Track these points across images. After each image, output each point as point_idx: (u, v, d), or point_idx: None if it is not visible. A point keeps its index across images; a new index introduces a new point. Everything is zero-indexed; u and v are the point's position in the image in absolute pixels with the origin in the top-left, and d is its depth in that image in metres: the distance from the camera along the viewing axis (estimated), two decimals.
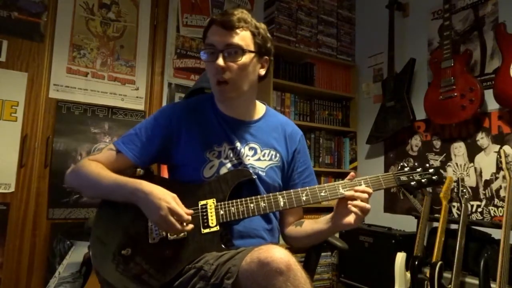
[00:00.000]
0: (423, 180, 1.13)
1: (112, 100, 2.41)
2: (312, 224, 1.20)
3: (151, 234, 1.04)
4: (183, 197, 1.07)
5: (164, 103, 2.56)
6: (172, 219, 0.96)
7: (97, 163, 1.12)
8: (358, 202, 1.03)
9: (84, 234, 1.15)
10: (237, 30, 1.10)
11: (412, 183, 1.12)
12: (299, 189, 1.09)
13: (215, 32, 1.10)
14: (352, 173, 1.10)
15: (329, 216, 1.13)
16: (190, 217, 1.00)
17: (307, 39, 3.03)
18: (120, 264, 1.01)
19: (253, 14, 1.19)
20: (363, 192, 1.04)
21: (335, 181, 3.03)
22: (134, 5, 2.55)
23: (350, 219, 1.05)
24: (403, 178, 1.13)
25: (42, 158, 2.18)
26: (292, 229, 1.25)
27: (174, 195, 1.01)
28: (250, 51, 1.12)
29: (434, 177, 1.13)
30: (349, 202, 1.04)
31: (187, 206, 1.05)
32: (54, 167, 2.20)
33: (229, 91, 1.12)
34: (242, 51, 1.10)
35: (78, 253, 2.21)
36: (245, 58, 1.10)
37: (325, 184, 1.09)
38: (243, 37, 1.10)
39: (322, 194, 1.08)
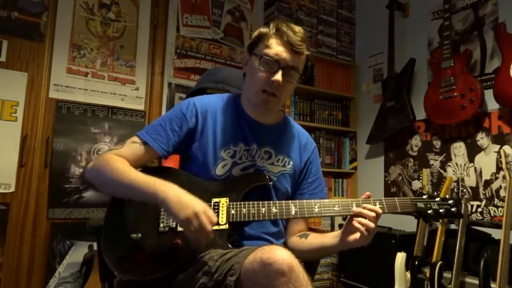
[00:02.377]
0: (440, 210, 1.10)
1: (112, 100, 2.41)
2: (318, 238, 1.18)
3: (162, 223, 1.05)
4: (198, 192, 1.07)
5: (164, 103, 2.56)
6: (205, 218, 0.92)
7: (123, 160, 1.08)
8: (362, 219, 1.03)
9: (85, 233, 1.15)
10: (301, 56, 1.13)
11: (429, 211, 1.10)
12: (312, 200, 1.10)
13: (282, 48, 1.11)
14: (368, 193, 1.10)
15: (337, 232, 1.13)
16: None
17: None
18: (128, 246, 1.02)
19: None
20: (370, 210, 1.04)
21: (335, 181, 3.07)
22: (134, 5, 2.55)
23: (356, 236, 1.05)
24: (420, 204, 1.11)
25: (42, 158, 2.17)
26: (296, 240, 1.23)
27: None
28: (301, 75, 1.17)
29: (452, 209, 1.11)
30: (355, 219, 1.04)
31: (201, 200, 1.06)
32: (54, 167, 2.20)
33: (274, 104, 1.16)
34: (299, 75, 1.15)
35: (78, 253, 2.21)
36: (296, 80, 1.16)
37: (339, 199, 1.09)
38: (302, 62, 1.15)
39: (336, 208, 1.08)
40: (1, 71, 2.09)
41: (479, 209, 2.26)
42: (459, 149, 2.42)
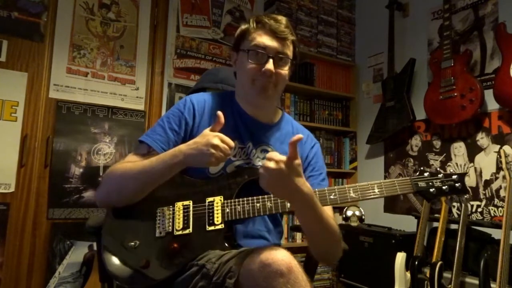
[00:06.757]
0: (444, 187, 1.02)
1: (112, 100, 2.41)
2: None
3: (158, 228, 1.05)
4: (191, 192, 1.07)
5: (164, 103, 2.56)
6: (222, 146, 0.98)
7: (126, 161, 1.11)
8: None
9: (84, 233, 1.15)
10: (287, 42, 1.13)
11: (431, 189, 1.03)
12: None
13: (267, 37, 1.11)
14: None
15: None
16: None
17: (307, 39, 3.03)
18: (127, 255, 1.01)
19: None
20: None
21: (335, 181, 3.07)
22: (134, 5, 2.55)
23: None
24: (422, 184, 1.03)
25: (42, 158, 2.17)
26: None
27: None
28: (292, 61, 1.16)
29: (457, 185, 1.03)
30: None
31: (195, 201, 1.07)
32: (54, 167, 2.20)
33: (271, 95, 1.15)
34: (290, 61, 1.14)
35: (78, 253, 2.21)
36: (288, 67, 1.15)
37: (336, 187, 1.04)
38: (290, 48, 1.15)
39: (332, 197, 1.03)
40: (1, 71, 2.09)
41: (479, 209, 2.26)
42: (459, 149, 2.42)
